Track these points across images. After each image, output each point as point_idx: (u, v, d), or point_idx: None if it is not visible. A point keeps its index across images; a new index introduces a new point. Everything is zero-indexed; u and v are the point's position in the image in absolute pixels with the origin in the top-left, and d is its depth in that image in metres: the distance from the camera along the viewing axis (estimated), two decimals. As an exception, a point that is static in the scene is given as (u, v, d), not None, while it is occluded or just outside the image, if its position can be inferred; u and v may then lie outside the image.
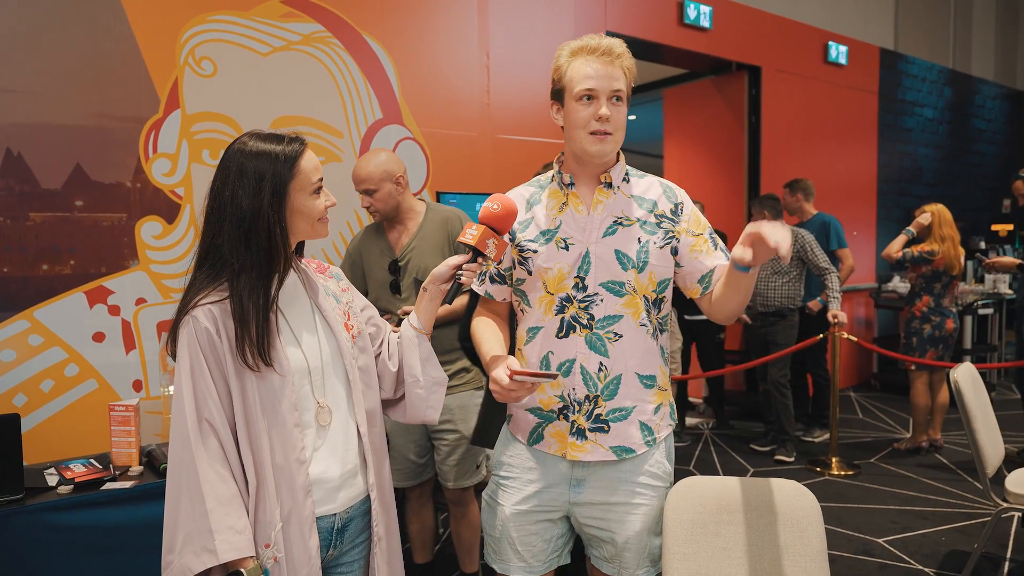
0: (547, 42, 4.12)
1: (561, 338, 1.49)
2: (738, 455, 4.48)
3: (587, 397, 1.48)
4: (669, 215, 1.52)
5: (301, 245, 1.40)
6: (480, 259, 1.41)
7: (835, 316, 4.06)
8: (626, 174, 1.55)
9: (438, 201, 3.59)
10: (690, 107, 6.13)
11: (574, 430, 1.49)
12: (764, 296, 4.40)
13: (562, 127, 1.51)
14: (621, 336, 1.48)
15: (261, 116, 3.09)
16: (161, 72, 2.86)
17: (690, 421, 5.24)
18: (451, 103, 3.75)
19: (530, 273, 1.52)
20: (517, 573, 1.54)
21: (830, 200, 5.98)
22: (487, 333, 1.58)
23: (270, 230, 1.22)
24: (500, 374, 1.37)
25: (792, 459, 4.33)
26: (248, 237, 1.21)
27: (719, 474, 4.09)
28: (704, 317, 4.66)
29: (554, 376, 1.38)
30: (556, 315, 1.50)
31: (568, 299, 1.49)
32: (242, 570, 1.17)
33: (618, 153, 1.54)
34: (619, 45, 1.44)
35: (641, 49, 4.90)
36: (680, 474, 2.36)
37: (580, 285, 1.48)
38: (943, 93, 7.41)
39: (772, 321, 4.41)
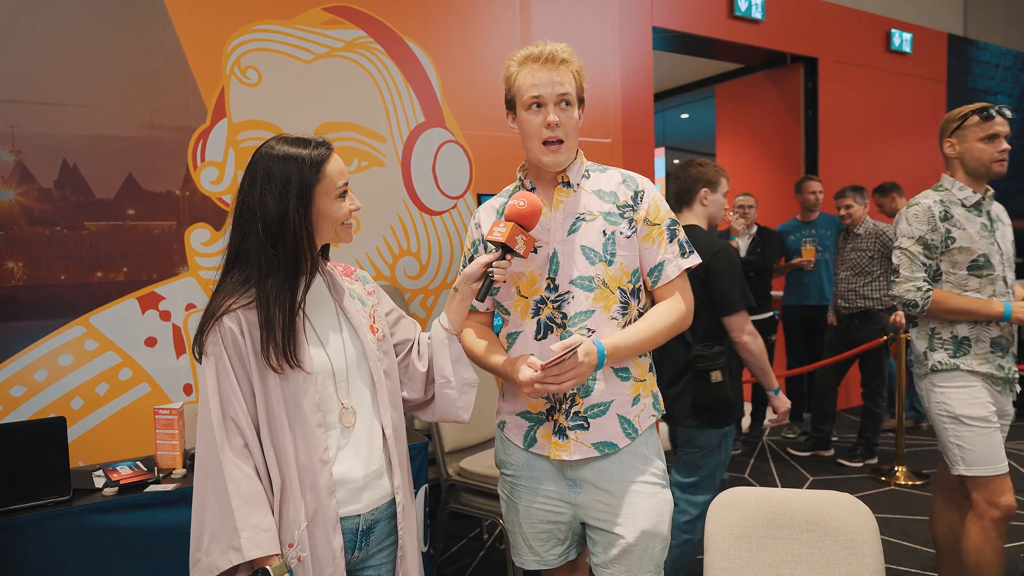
0: (592, 39, 4.05)
1: (539, 340, 1.51)
2: (796, 463, 4.29)
3: (567, 396, 1.50)
4: (630, 202, 1.53)
5: (326, 248, 1.40)
6: (509, 256, 1.42)
7: (896, 319, 4.01)
8: (586, 171, 1.57)
9: (479, 203, 3.57)
10: (743, 102, 5.94)
11: (556, 429, 1.52)
12: (846, 297, 4.20)
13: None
14: (594, 331, 1.48)
15: (305, 122, 3.13)
16: (208, 82, 2.92)
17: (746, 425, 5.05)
18: (493, 104, 3.71)
19: (504, 281, 1.53)
20: (531, 565, 1.62)
21: (894, 195, 5.69)
22: (481, 343, 1.59)
23: (296, 233, 1.23)
24: (529, 373, 1.39)
25: (859, 464, 4.18)
26: (275, 240, 1.22)
27: (776, 483, 3.92)
28: (758, 317, 4.50)
29: (573, 350, 1.34)
30: (532, 318, 1.52)
31: (542, 300, 1.51)
32: (268, 568, 1.18)
33: (577, 151, 1.56)
34: (563, 50, 1.47)
35: (690, 44, 4.77)
36: (734, 483, 2.27)
37: (551, 286, 1.50)
38: (1019, 80, 6.99)
39: (857, 325, 4.18)
